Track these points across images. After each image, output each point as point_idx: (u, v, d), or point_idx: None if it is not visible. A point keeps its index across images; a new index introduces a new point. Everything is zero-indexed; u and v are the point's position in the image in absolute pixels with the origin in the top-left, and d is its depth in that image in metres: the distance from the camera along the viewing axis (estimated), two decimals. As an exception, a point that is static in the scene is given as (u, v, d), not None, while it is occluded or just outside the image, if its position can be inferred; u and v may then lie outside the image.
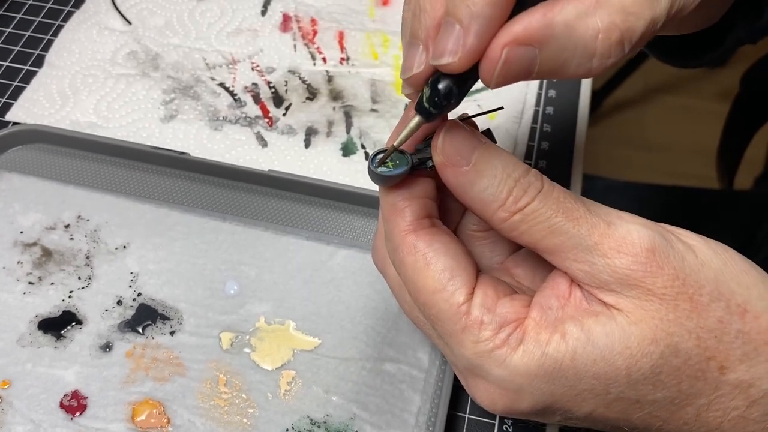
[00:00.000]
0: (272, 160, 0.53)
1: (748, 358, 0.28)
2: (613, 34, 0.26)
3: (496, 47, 0.25)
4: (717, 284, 0.29)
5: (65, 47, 0.59)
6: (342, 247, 0.48)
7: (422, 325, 0.33)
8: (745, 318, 0.28)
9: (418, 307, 0.32)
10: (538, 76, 0.26)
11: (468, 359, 0.30)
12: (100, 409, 0.42)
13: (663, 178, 1.48)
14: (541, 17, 0.25)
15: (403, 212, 0.31)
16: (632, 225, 0.29)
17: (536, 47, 0.25)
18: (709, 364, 0.28)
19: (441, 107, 0.28)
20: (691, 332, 0.28)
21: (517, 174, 0.29)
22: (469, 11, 0.25)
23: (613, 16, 0.26)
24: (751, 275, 0.29)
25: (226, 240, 0.49)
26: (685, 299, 0.28)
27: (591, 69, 0.26)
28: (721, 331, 0.28)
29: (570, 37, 0.26)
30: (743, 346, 0.28)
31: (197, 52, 0.59)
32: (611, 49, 0.26)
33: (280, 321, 0.45)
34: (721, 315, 0.28)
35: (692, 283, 0.28)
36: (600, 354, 0.28)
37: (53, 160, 0.52)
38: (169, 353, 0.44)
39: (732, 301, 0.29)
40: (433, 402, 0.43)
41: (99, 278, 0.47)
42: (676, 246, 0.29)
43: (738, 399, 0.29)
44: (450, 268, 0.30)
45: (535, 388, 0.29)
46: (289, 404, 0.42)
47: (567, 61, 0.26)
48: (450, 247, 0.31)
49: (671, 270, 0.28)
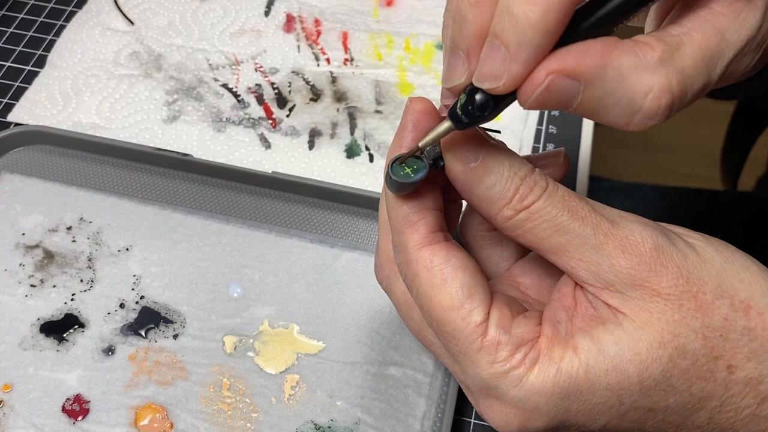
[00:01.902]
0: (276, 161, 0.53)
1: (756, 355, 0.28)
2: (664, 98, 0.25)
3: (541, 72, 0.24)
4: (720, 281, 0.28)
5: (67, 48, 0.59)
6: (346, 250, 0.48)
7: (430, 345, 0.33)
8: (749, 314, 0.28)
9: (429, 324, 0.31)
10: (575, 111, 0.25)
11: (483, 380, 0.29)
12: (103, 413, 0.42)
13: (665, 178, 1.48)
14: (597, 56, 0.24)
15: (416, 225, 0.31)
16: (635, 224, 0.28)
17: (582, 83, 0.24)
18: (717, 363, 0.28)
19: (474, 118, 0.27)
20: (697, 332, 0.28)
21: (523, 172, 0.29)
22: (517, 38, 0.24)
23: (670, 77, 0.25)
24: (753, 271, 0.29)
25: (230, 242, 0.48)
26: (689, 298, 0.28)
27: (630, 123, 0.25)
28: (727, 329, 0.28)
29: (619, 86, 0.24)
30: (750, 343, 0.28)
31: (200, 52, 0.59)
32: (658, 111, 0.25)
33: (284, 324, 0.45)
34: (725, 312, 0.28)
35: (696, 281, 0.28)
36: (612, 364, 0.28)
37: (55, 161, 0.52)
38: (172, 357, 0.44)
39: (735, 298, 0.28)
40: (438, 407, 0.42)
41: (101, 281, 0.46)
42: (679, 244, 0.29)
43: (749, 397, 0.29)
44: (468, 286, 0.30)
45: (552, 406, 0.29)
46: (293, 409, 0.42)
47: (608, 108, 0.25)
48: (466, 263, 0.30)
49: (675, 268, 0.28)
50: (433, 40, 0.60)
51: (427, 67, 0.58)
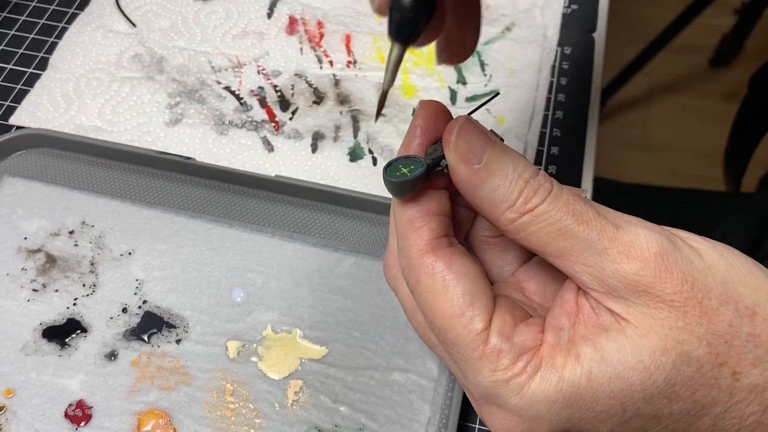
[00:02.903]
0: (279, 165, 0.53)
1: (761, 361, 0.28)
2: None
3: None
4: (725, 287, 0.28)
5: (69, 50, 0.58)
6: (350, 254, 0.48)
7: (434, 347, 0.33)
8: (754, 320, 0.28)
9: (432, 331, 0.31)
10: None
11: (484, 387, 0.29)
12: (105, 419, 0.41)
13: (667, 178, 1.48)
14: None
15: (420, 230, 0.31)
16: (640, 229, 0.28)
17: None
18: (722, 370, 0.28)
19: (410, 22, 0.27)
20: (701, 339, 0.27)
21: (527, 175, 0.29)
22: None
23: None
24: (758, 277, 0.29)
25: (233, 246, 0.48)
26: (694, 304, 0.27)
27: None
28: (732, 336, 0.28)
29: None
30: (755, 349, 0.28)
31: (202, 55, 0.59)
32: None
33: (287, 329, 0.45)
34: (730, 319, 0.28)
35: (701, 287, 0.28)
36: (614, 371, 0.28)
37: (57, 164, 0.52)
38: (175, 362, 0.43)
39: (741, 304, 0.28)
40: (443, 412, 0.42)
41: (104, 285, 0.46)
42: (683, 249, 0.28)
43: (754, 404, 0.28)
44: (470, 293, 0.29)
45: (554, 414, 0.29)
46: (297, 414, 0.42)
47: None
48: (469, 269, 0.30)
49: (680, 274, 0.27)
50: (437, 43, 0.60)
51: (430, 70, 0.58)
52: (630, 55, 1.47)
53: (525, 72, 0.58)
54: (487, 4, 0.62)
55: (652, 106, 1.64)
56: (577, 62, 0.60)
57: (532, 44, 0.60)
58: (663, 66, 1.57)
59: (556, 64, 0.60)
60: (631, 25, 1.56)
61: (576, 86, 0.58)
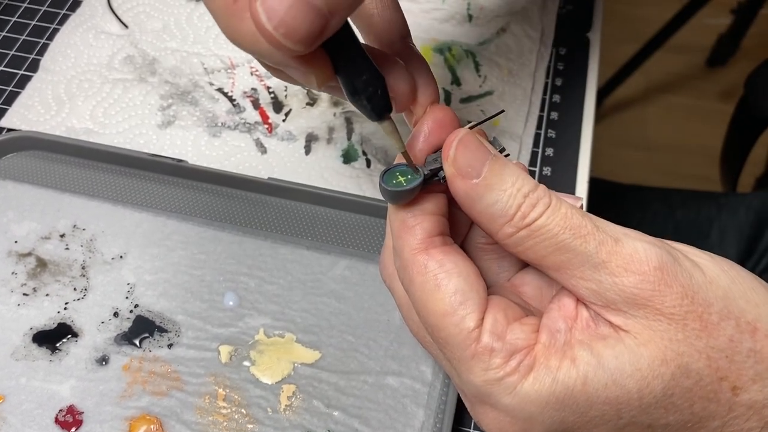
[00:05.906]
0: (272, 167, 0.52)
1: (761, 377, 0.28)
2: None
3: None
4: (726, 302, 0.28)
5: (61, 51, 0.58)
6: (343, 257, 0.47)
7: (429, 346, 0.33)
8: (755, 336, 0.28)
9: (425, 330, 0.31)
10: None
11: (476, 386, 0.29)
12: (96, 424, 0.41)
13: (663, 177, 1.48)
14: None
15: (413, 230, 0.30)
16: (639, 242, 0.28)
17: None
18: (722, 384, 0.28)
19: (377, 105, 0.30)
20: (701, 352, 0.27)
21: (526, 189, 0.28)
22: None
23: None
24: (760, 292, 0.29)
25: (225, 250, 0.48)
26: (694, 318, 0.27)
27: None
28: (732, 351, 0.27)
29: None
30: (755, 365, 0.28)
31: (195, 56, 0.58)
32: None
33: (279, 333, 0.44)
34: (731, 334, 0.27)
35: (701, 302, 0.27)
36: (611, 378, 0.27)
37: (48, 167, 0.51)
38: (167, 367, 0.43)
39: (742, 320, 0.28)
40: (437, 417, 0.42)
41: (95, 289, 0.46)
42: (684, 264, 0.28)
43: (752, 420, 0.28)
44: (461, 291, 0.29)
45: (546, 416, 0.28)
46: (290, 419, 0.42)
47: None
48: (462, 267, 0.30)
49: (680, 288, 0.27)
50: (430, 44, 0.59)
51: (424, 71, 0.58)
52: (626, 55, 1.47)
53: (520, 73, 0.58)
54: (482, 5, 0.62)
55: (649, 106, 1.64)
56: (573, 63, 0.60)
57: (527, 45, 0.59)
58: (659, 66, 1.57)
59: (551, 65, 0.59)
60: (627, 25, 1.56)
61: (571, 87, 0.58)
